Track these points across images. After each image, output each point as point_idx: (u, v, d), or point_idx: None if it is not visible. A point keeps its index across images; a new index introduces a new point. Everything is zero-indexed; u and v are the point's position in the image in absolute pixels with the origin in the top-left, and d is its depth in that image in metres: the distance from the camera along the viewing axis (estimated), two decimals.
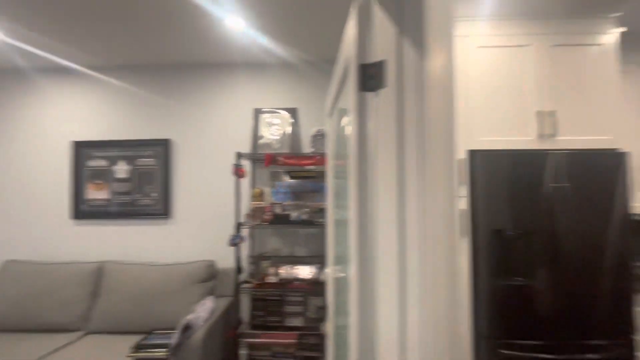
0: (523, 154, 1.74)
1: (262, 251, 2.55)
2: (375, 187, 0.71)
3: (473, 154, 1.79)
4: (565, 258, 1.71)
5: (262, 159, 2.38)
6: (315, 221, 2.24)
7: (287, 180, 2.54)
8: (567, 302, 1.71)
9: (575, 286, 1.71)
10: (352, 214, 0.76)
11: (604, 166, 1.73)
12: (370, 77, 0.73)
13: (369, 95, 0.74)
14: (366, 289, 0.73)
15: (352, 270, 0.76)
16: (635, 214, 2.05)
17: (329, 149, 1.56)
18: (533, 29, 1.84)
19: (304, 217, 2.26)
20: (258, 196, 2.47)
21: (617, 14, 1.84)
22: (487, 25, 1.86)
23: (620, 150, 1.75)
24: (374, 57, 0.73)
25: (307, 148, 2.62)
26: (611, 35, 1.85)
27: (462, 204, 1.78)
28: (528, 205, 1.72)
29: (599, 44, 1.85)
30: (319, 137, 2.45)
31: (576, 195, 1.72)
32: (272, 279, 2.26)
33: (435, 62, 0.67)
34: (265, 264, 2.39)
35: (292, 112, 2.65)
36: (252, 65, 2.73)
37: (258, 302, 2.36)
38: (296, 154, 2.41)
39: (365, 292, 0.73)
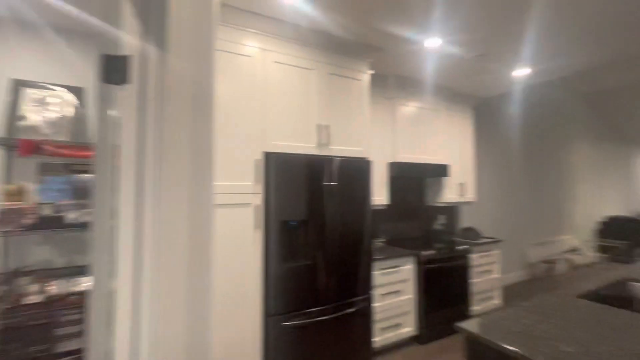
0: (306, 158, 2.13)
1: (21, 265, 1.97)
2: (119, 188, 0.70)
3: (268, 155, 2.03)
4: (332, 240, 2.21)
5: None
6: None
7: (66, 174, 2.08)
8: (334, 273, 2.21)
9: (339, 260, 2.24)
10: (93, 215, 0.72)
11: (358, 170, 2.35)
12: (115, 70, 0.72)
13: (115, 89, 0.73)
14: (104, 301, 0.72)
15: (92, 280, 0.73)
16: (374, 205, 2.89)
17: None
18: (317, 57, 2.27)
19: (86, 219, 1.90)
20: (15, 194, 1.89)
21: (370, 60, 2.54)
22: (283, 45, 2.15)
23: (368, 159, 2.43)
24: (121, 50, 0.72)
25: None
26: (366, 75, 2.53)
27: (258, 199, 1.99)
28: (308, 200, 2.11)
29: (359, 80, 2.49)
30: None
31: (341, 192, 2.26)
32: (34, 299, 1.79)
33: (180, 66, 0.73)
34: (24, 281, 1.86)
35: (77, 91, 2.18)
36: (18, 21, 2.06)
37: (10, 333, 1.81)
38: (76, 144, 2.00)
39: (102, 305, 0.71)
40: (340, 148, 2.34)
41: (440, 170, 3.33)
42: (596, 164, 6.72)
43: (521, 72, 3.07)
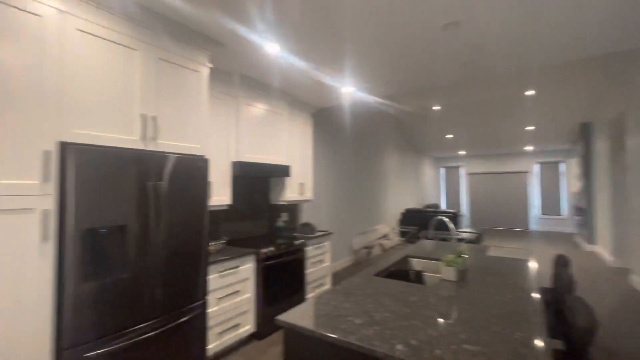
0: (125, 152, 1.80)
1: None
2: None
3: (66, 147, 1.60)
4: (160, 246, 1.96)
5: None
6: None
7: None
8: (162, 282, 1.97)
9: (167, 268, 2.01)
10: None
11: (193, 169, 2.18)
12: None
13: None
14: None
15: None
16: (215, 206, 2.79)
17: None
18: (142, 36, 1.96)
19: None
20: None
21: (209, 52, 2.41)
22: (92, 12, 1.74)
23: (205, 157, 2.29)
24: None
25: None
26: (205, 68, 2.38)
27: (48, 203, 1.54)
28: (126, 202, 1.80)
29: (197, 71, 2.31)
30: None
31: (171, 192, 2.03)
32: None
33: None
34: None
35: None
36: None
37: None
38: None
39: None
40: (172, 144, 2.11)
41: (283, 171, 3.52)
42: (400, 168, 8.74)
43: (347, 90, 3.62)
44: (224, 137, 2.95)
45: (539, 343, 1.09)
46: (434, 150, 11.35)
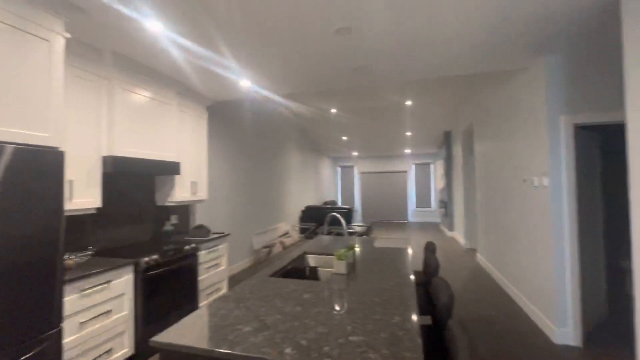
0: None
1: None
2: None
3: None
4: None
5: None
6: None
7: None
8: None
9: (1, 292, 1.52)
10: None
11: (39, 164, 1.71)
12: None
13: None
14: None
15: None
16: (78, 210, 2.28)
17: None
18: None
19: None
20: None
21: (65, 19, 1.93)
22: None
23: (59, 149, 1.83)
24: None
25: None
26: (60, 37, 1.90)
27: None
28: None
29: (45, 39, 1.82)
30: None
31: (3, 194, 1.55)
32: None
33: None
34: None
35: None
36: None
37: None
38: None
39: None
40: (4, 130, 1.60)
41: (171, 168, 3.14)
42: (301, 167, 8.96)
43: (245, 83, 3.47)
44: (93, 126, 2.44)
45: (412, 324, 1.22)
46: (332, 151, 12.06)
